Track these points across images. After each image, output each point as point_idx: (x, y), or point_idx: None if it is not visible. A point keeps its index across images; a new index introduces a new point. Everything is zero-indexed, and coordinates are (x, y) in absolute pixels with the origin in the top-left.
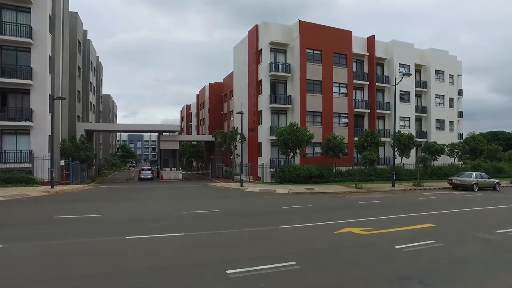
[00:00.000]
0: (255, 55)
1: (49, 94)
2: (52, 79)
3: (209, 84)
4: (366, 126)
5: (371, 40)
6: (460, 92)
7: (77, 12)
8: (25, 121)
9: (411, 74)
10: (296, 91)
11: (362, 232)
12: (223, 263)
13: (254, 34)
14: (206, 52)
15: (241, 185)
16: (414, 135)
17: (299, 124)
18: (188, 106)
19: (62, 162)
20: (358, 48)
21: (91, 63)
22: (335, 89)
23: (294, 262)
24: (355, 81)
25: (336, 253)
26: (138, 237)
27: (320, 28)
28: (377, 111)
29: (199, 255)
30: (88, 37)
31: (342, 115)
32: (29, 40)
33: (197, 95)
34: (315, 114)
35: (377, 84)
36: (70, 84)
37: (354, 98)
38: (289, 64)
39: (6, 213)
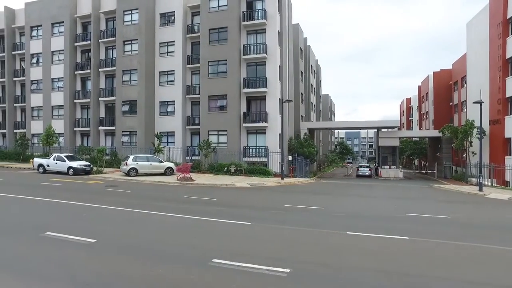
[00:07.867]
0: (501, 27)
1: (279, 98)
2: (281, 85)
3: (434, 72)
4: None
5: None
6: None
7: (298, 24)
8: (262, 123)
9: None
10: None
11: None
12: (459, 282)
13: None
14: (433, 40)
15: (480, 190)
16: None
17: None
18: (408, 100)
19: (290, 157)
20: None
21: (311, 67)
22: None
23: None
24: None
25: None
26: (359, 234)
27: None
28: None
29: (428, 266)
30: (308, 44)
31: None
32: (264, 55)
33: (418, 86)
34: None
35: None
36: (295, 87)
37: None
38: None
39: (251, 198)
